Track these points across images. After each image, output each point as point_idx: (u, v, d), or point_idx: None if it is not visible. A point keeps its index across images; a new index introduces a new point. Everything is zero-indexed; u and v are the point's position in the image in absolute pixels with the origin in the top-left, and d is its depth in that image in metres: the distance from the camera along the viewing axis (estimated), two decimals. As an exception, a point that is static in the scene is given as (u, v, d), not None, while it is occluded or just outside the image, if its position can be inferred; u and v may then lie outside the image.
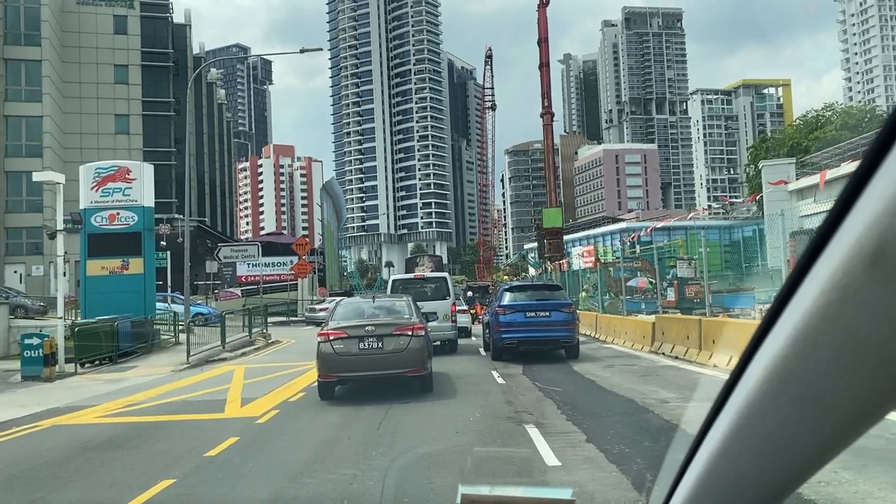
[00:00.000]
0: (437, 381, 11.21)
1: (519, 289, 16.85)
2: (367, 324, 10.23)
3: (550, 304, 15.13)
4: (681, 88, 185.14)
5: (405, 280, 18.96)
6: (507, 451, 6.86)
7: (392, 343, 9.91)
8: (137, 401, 11.56)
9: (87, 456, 7.42)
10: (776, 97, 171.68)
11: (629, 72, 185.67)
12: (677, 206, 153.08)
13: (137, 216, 20.06)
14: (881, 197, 0.55)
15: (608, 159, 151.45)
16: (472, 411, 9.11)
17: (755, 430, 0.77)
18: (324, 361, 9.98)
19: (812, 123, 61.90)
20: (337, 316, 10.94)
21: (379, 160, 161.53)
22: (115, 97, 46.48)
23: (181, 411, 10.25)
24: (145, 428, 9.01)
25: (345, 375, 10.15)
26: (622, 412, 8.81)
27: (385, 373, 9.98)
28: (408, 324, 10.26)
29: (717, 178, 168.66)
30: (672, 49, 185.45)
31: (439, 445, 7.22)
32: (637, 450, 6.55)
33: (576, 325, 15.56)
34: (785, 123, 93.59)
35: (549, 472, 5.89)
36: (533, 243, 79.82)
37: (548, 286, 18.22)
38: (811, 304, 0.62)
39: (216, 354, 17.85)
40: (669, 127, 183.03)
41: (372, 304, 11.48)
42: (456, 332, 17.54)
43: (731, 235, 54.86)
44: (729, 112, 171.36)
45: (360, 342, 9.91)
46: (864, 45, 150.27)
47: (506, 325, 14.85)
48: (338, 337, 9.97)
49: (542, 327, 14.74)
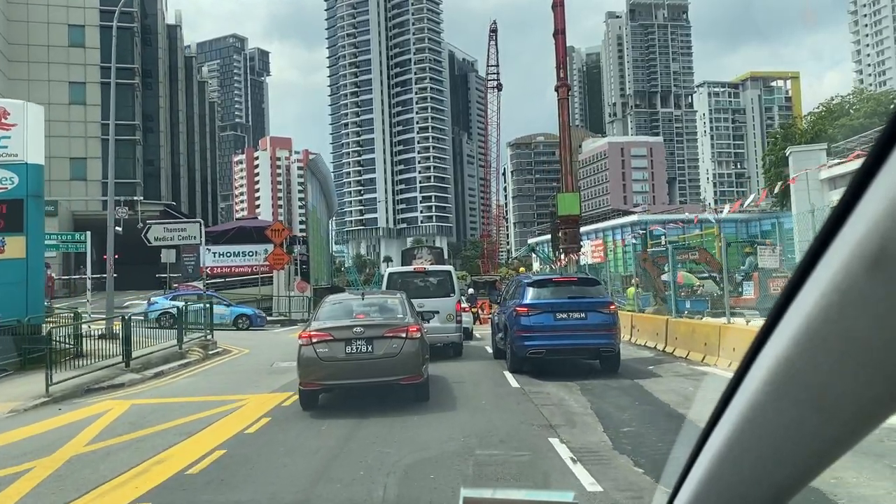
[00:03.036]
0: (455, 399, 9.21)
1: (546, 283, 13.38)
2: (355, 325, 9.05)
3: (586, 304, 12.11)
4: (686, 81, 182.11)
5: (404, 274, 16.73)
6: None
7: (383, 346, 8.84)
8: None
9: None
10: (785, 90, 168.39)
11: (634, 64, 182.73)
12: (682, 201, 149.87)
13: (18, 177, 14.62)
14: (883, 198, 0.54)
15: (613, 152, 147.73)
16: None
17: (757, 433, 0.77)
18: (305, 368, 8.86)
19: (837, 110, 58.82)
20: (321, 315, 9.77)
21: (378, 152, 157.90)
22: (69, 62, 41.34)
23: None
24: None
25: (329, 384, 9.11)
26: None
27: (375, 381, 8.94)
28: (401, 324, 9.18)
29: (723, 173, 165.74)
30: (678, 41, 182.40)
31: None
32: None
33: (618, 329, 12.39)
34: (794, 116, 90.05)
35: None
36: (537, 237, 76.10)
37: (582, 280, 14.47)
38: (813, 306, 0.62)
39: (109, 378, 12.57)
40: (674, 121, 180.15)
41: (361, 302, 10.32)
42: (461, 335, 15.58)
43: (748, 229, 51.90)
44: (736, 105, 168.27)
45: (347, 345, 8.81)
46: (876, 35, 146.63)
47: (530, 330, 11.90)
48: (321, 339, 8.87)
49: (576, 332, 11.79)
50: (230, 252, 36.37)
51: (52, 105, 41.83)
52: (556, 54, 31.70)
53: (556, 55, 31.73)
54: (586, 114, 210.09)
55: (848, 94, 61.09)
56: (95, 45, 42.25)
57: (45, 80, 42.36)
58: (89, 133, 43.17)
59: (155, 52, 46.62)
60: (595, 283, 13.77)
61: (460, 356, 14.83)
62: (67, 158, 46.60)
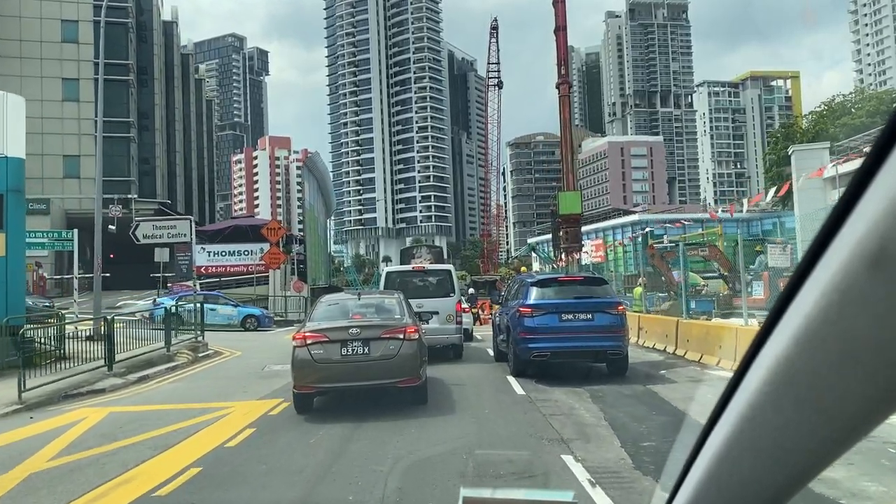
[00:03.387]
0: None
1: (551, 283, 12.70)
2: (350, 325, 8.73)
3: (593, 304, 11.53)
4: (686, 81, 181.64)
5: (402, 273, 16.10)
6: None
7: (380, 348, 8.53)
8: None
9: None
10: (785, 90, 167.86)
11: (633, 64, 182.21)
12: (682, 201, 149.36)
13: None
14: (883, 197, 0.54)
15: (613, 152, 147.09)
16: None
17: (757, 433, 0.77)
18: (300, 370, 8.53)
19: (838, 109, 58.48)
20: (316, 316, 9.39)
21: (377, 152, 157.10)
22: (62, 58, 40.35)
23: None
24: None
25: (324, 386, 8.73)
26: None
27: (372, 383, 8.62)
28: (399, 325, 8.84)
29: (723, 173, 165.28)
30: (677, 41, 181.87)
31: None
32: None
33: (626, 331, 11.89)
34: (795, 115, 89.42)
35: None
36: (536, 237, 75.37)
37: (588, 280, 13.82)
38: (812, 306, 0.62)
39: (89, 382, 11.70)
40: (674, 120, 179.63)
41: (357, 303, 9.97)
42: (461, 336, 15.00)
43: (749, 229, 51.48)
44: (736, 105, 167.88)
45: (343, 347, 8.50)
46: (876, 35, 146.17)
47: (534, 332, 11.29)
48: (316, 341, 8.54)
49: (583, 334, 11.19)
50: (225, 251, 35.32)
51: (45, 102, 41.04)
52: (557, 51, 30.98)
53: (556, 52, 30.99)
54: (586, 113, 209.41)
55: (850, 92, 60.81)
56: (89, 41, 41.21)
57: (38, 77, 41.44)
58: (83, 130, 41.97)
59: (150, 48, 45.68)
60: (602, 283, 13.05)
61: (460, 358, 14.25)
62: (61, 156, 45.73)
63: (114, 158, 36.07)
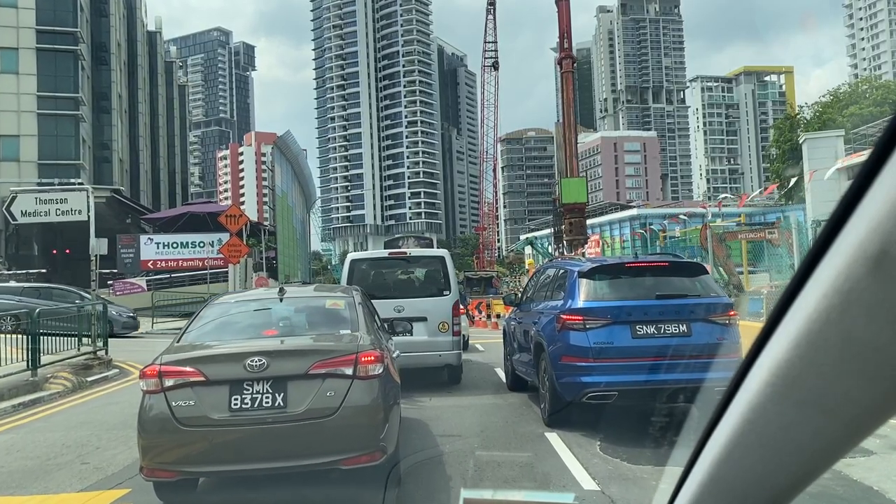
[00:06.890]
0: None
1: (614, 270, 7.62)
2: (251, 351, 4.57)
3: (688, 308, 6.99)
4: (678, 76, 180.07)
5: (375, 261, 10.95)
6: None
7: (307, 395, 4.48)
8: None
9: None
10: (779, 85, 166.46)
11: (625, 59, 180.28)
12: (674, 197, 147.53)
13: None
14: (885, 198, 0.54)
15: (606, 147, 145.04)
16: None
17: (758, 434, 0.77)
18: (150, 438, 4.50)
19: (845, 98, 56.81)
20: (196, 331, 5.23)
21: (365, 147, 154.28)
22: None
23: None
24: None
25: (196, 470, 4.61)
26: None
27: (287, 465, 4.50)
28: (344, 351, 4.73)
29: (716, 169, 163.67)
30: (669, 36, 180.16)
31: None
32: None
33: (740, 352, 6.90)
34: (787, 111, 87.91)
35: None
36: (531, 233, 72.75)
37: (676, 266, 7.82)
38: (814, 307, 0.62)
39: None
40: (667, 116, 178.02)
41: (277, 307, 5.70)
42: (460, 353, 10.24)
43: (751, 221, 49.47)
44: (730, 100, 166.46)
45: (234, 394, 4.44)
46: (871, 30, 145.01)
47: (588, 355, 6.79)
48: (182, 382, 4.46)
49: (674, 360, 6.63)
50: (177, 242, 30.55)
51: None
52: (560, 22, 28.21)
53: (559, 23, 28.23)
54: (577, 110, 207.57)
55: (856, 81, 59.14)
56: (30, 6, 36.90)
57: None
58: (23, 107, 37.58)
59: (108, 21, 42.03)
60: (697, 271, 7.81)
61: (458, 384, 10.13)
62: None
63: (59, 139, 32.13)
